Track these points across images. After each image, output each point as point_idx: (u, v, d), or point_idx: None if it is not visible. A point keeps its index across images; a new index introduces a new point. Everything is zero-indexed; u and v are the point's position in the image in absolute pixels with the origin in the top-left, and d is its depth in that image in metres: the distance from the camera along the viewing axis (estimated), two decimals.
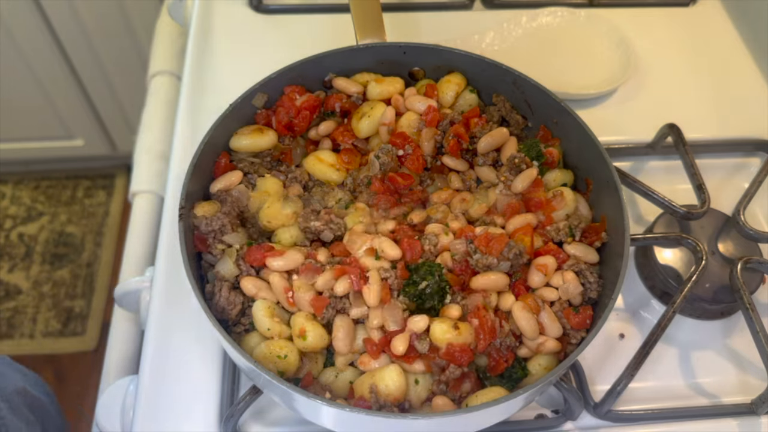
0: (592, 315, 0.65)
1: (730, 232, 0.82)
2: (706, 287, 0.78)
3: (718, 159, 0.94)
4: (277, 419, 0.70)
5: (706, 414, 0.73)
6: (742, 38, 1.09)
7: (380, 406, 0.59)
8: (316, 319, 0.63)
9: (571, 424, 0.72)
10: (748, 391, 0.75)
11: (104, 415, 0.72)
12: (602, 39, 1.05)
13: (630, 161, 0.94)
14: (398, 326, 0.61)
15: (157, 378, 0.71)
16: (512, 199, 0.71)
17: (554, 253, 0.67)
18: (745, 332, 0.74)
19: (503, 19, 1.05)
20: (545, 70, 0.90)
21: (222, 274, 0.66)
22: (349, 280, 0.61)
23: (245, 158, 0.73)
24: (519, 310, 0.63)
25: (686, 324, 0.80)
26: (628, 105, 0.99)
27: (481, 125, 0.76)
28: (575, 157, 0.75)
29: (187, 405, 0.70)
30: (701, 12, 1.14)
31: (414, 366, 0.61)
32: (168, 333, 0.74)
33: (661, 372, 0.76)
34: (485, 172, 0.74)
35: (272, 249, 0.65)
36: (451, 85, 0.78)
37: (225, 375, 0.72)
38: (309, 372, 0.63)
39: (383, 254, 0.64)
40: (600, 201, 0.72)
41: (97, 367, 0.82)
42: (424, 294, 0.63)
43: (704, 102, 1.00)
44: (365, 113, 0.76)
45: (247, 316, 0.65)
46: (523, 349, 0.65)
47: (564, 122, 0.75)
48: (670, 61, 1.05)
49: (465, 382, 0.62)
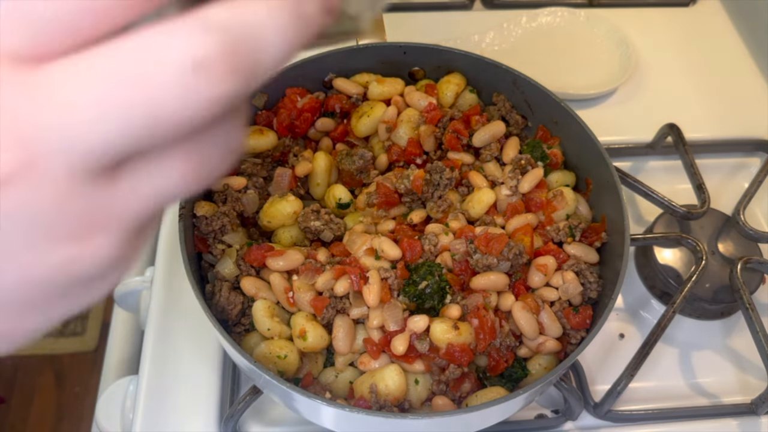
0: (592, 315, 0.65)
1: (730, 232, 0.82)
2: (706, 287, 0.78)
3: (718, 159, 0.94)
4: (277, 419, 0.70)
5: (706, 414, 0.73)
6: (742, 38, 1.09)
7: (380, 406, 0.59)
8: (316, 320, 0.63)
9: (571, 424, 0.72)
10: (748, 391, 0.75)
11: (104, 415, 0.72)
12: (602, 39, 1.05)
13: (630, 161, 0.94)
14: (398, 326, 0.61)
15: (157, 378, 0.71)
16: (516, 200, 0.71)
17: (554, 253, 0.67)
18: (745, 332, 0.74)
19: (503, 19, 1.05)
20: (545, 70, 0.90)
21: (222, 274, 0.66)
22: (349, 280, 0.62)
23: (246, 158, 0.73)
24: (519, 310, 0.63)
25: (686, 324, 0.80)
26: (628, 105, 0.99)
27: (482, 123, 0.76)
28: (575, 157, 0.75)
29: (187, 405, 0.70)
30: (701, 12, 1.14)
31: (414, 366, 0.61)
32: (168, 333, 0.74)
33: (661, 372, 0.76)
34: (490, 168, 0.74)
35: (272, 249, 0.65)
36: (451, 85, 0.78)
37: (225, 375, 0.72)
38: (309, 372, 0.63)
39: (383, 254, 0.64)
40: (600, 201, 0.72)
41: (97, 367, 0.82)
42: (424, 294, 0.63)
43: (704, 102, 1.00)
44: (365, 113, 0.76)
45: (247, 316, 0.65)
46: (523, 349, 0.65)
47: (564, 122, 0.75)
48: (670, 61, 1.05)
49: (465, 382, 0.62)
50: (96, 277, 0.25)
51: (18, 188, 0.22)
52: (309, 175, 0.73)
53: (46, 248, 0.23)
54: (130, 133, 0.22)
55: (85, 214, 0.23)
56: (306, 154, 0.74)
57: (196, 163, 0.24)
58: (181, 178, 0.24)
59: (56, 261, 0.23)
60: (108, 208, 0.23)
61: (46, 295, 0.25)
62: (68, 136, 0.21)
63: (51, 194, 0.22)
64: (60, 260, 0.23)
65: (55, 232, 0.23)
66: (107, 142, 0.22)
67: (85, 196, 0.23)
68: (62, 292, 0.25)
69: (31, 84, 0.21)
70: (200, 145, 0.24)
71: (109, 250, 0.24)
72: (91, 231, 0.23)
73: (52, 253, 0.23)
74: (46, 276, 0.24)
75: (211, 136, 0.24)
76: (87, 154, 0.22)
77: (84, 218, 0.23)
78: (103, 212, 0.23)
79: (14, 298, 0.24)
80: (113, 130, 0.21)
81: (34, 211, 0.22)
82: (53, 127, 0.21)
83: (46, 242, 0.23)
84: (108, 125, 0.21)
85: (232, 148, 0.25)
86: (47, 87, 0.21)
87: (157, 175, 0.24)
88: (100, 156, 0.22)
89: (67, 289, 0.25)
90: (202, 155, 0.24)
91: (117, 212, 0.24)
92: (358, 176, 0.74)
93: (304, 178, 0.73)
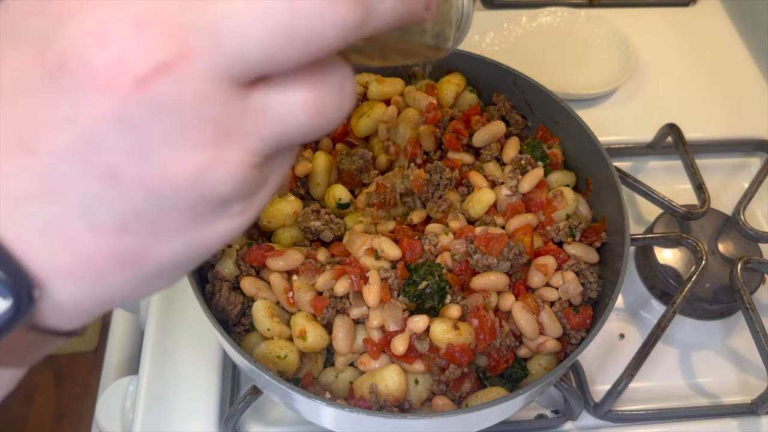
0: (592, 315, 0.65)
1: (730, 232, 0.82)
2: (706, 287, 0.78)
3: (718, 159, 0.94)
4: (277, 419, 0.70)
5: (706, 414, 0.73)
6: (742, 38, 1.09)
7: (380, 406, 0.59)
8: (316, 320, 0.63)
9: (571, 424, 0.72)
10: (748, 391, 0.75)
11: (104, 416, 0.72)
12: (602, 39, 1.05)
13: (630, 161, 0.94)
14: (398, 326, 0.61)
15: (157, 378, 0.71)
16: (516, 200, 0.71)
17: (554, 253, 0.67)
18: (745, 332, 0.74)
19: (503, 19, 1.05)
20: (545, 70, 0.90)
21: (222, 274, 0.66)
22: (349, 280, 0.61)
23: None
24: (519, 310, 0.63)
25: (686, 324, 0.80)
26: (628, 105, 0.99)
27: (482, 123, 0.76)
28: (575, 157, 0.75)
29: (187, 405, 0.70)
30: (701, 12, 1.14)
31: (414, 366, 0.61)
32: (168, 333, 0.74)
33: (661, 372, 0.76)
34: (490, 168, 0.74)
35: (272, 249, 0.65)
36: (451, 85, 0.78)
37: (225, 375, 0.72)
38: (309, 372, 0.63)
39: (383, 254, 0.64)
40: (600, 201, 0.72)
41: (97, 367, 0.81)
42: (424, 294, 0.63)
43: (704, 102, 1.00)
44: (364, 112, 0.76)
45: (247, 316, 0.65)
46: (523, 349, 0.65)
47: (564, 122, 0.75)
48: (670, 61, 1.05)
49: (465, 382, 0.62)
50: (225, 201, 0.25)
51: (169, 81, 0.22)
52: (309, 175, 0.73)
53: (184, 148, 0.23)
54: (274, 44, 0.22)
55: (222, 121, 0.23)
56: (306, 153, 0.74)
57: (316, 96, 0.25)
58: (304, 109, 0.25)
59: (191, 165, 0.23)
60: (241, 121, 0.24)
61: (178, 212, 0.25)
62: (222, 40, 0.22)
63: (196, 92, 0.22)
64: (195, 165, 0.23)
65: (193, 133, 0.23)
66: (255, 48, 0.22)
67: (224, 102, 0.23)
68: (192, 213, 0.25)
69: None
70: (319, 80, 0.25)
71: (239, 168, 0.24)
72: (226, 140, 0.24)
73: (188, 154, 0.23)
74: (181, 185, 0.24)
75: (328, 74, 0.26)
76: (234, 58, 0.22)
77: (220, 125, 0.23)
78: (237, 124, 0.24)
79: (148, 208, 0.24)
80: (262, 39, 0.22)
81: (180, 108, 0.22)
82: (210, 27, 0.22)
83: (184, 141, 0.23)
84: (257, 34, 0.22)
85: (345, 95, 0.26)
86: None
87: (283, 100, 0.25)
88: (244, 64, 0.23)
89: (197, 209, 0.25)
90: (322, 90, 0.25)
91: (248, 128, 0.24)
92: (358, 176, 0.74)
93: (304, 178, 0.73)
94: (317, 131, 0.26)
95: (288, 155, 0.28)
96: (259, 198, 0.27)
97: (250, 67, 0.23)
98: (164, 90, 0.22)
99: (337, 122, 0.27)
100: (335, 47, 0.24)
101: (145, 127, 0.22)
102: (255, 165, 0.25)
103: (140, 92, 0.22)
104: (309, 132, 0.26)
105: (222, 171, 0.24)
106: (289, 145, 0.26)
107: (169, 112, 0.22)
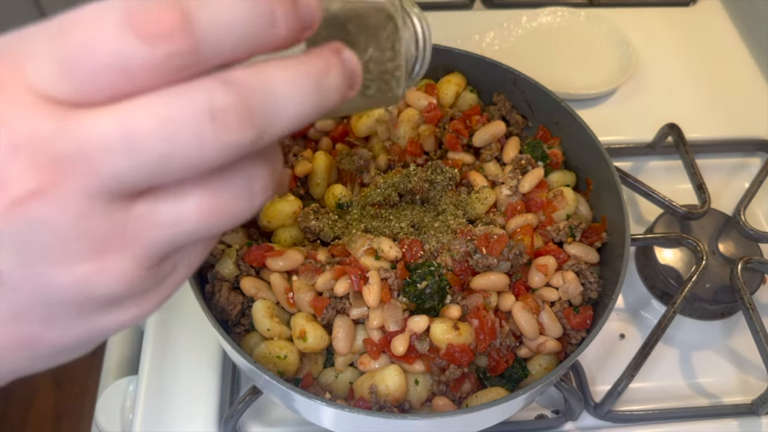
0: (593, 315, 0.65)
1: (730, 232, 0.82)
2: (706, 287, 0.78)
3: (719, 159, 0.94)
4: (277, 419, 0.70)
5: (706, 414, 0.73)
6: (742, 38, 1.09)
7: (380, 407, 0.59)
8: (316, 320, 0.63)
9: (572, 424, 0.72)
10: (749, 391, 0.75)
11: (104, 416, 0.72)
12: (602, 39, 1.05)
13: (630, 161, 0.94)
14: (398, 326, 0.61)
15: (156, 378, 0.71)
16: (517, 200, 0.71)
17: (554, 253, 0.67)
18: (746, 332, 0.74)
19: (503, 19, 1.05)
20: (545, 70, 0.90)
21: (222, 274, 0.66)
22: (349, 281, 0.61)
23: None
24: (519, 310, 0.63)
25: (686, 324, 0.80)
26: (628, 105, 0.99)
27: (482, 123, 0.76)
28: (575, 157, 0.75)
29: (186, 405, 0.70)
30: (701, 12, 1.14)
31: (414, 366, 0.61)
32: (168, 333, 0.74)
33: (662, 372, 0.76)
34: (491, 168, 0.74)
35: (272, 249, 0.65)
36: (451, 85, 0.78)
37: (225, 375, 0.72)
38: (309, 372, 0.63)
39: (383, 254, 0.64)
40: (600, 201, 0.72)
41: (96, 368, 0.81)
42: (424, 294, 0.62)
43: (704, 102, 1.00)
44: (365, 113, 0.76)
45: (247, 316, 0.65)
46: (523, 349, 0.65)
47: (564, 122, 0.75)
48: (670, 61, 1.05)
49: (465, 382, 0.62)
50: (113, 300, 0.27)
51: (41, 203, 0.24)
52: (309, 174, 0.73)
53: (63, 259, 0.25)
54: (148, 165, 0.24)
55: (99, 234, 0.25)
56: (306, 153, 0.74)
57: (212, 200, 0.26)
58: (197, 212, 0.26)
59: (71, 274, 0.25)
60: (123, 231, 0.25)
61: (65, 309, 0.26)
62: (91, 165, 0.23)
63: (70, 211, 0.24)
64: (76, 277, 0.25)
65: (73, 249, 0.25)
66: (128, 170, 0.24)
67: (101, 217, 0.25)
68: (80, 310, 0.27)
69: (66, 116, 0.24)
70: (218, 185, 0.26)
71: (124, 273, 0.26)
72: (107, 251, 0.25)
73: (67, 265, 0.25)
74: (63, 289, 0.25)
75: (230, 177, 0.26)
76: (107, 178, 0.24)
77: (98, 238, 0.25)
78: (117, 234, 0.25)
79: (35, 303, 0.26)
80: (134, 161, 0.23)
81: (55, 226, 0.24)
82: (79, 155, 0.23)
83: (63, 254, 0.25)
84: (130, 155, 0.23)
85: (254, 192, 0.27)
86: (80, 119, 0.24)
87: (173, 206, 0.26)
88: (120, 183, 0.24)
89: (84, 307, 0.27)
90: (220, 194, 0.26)
91: (132, 237, 0.25)
92: (358, 176, 0.74)
93: (304, 178, 0.73)
94: (216, 230, 0.27)
95: (197, 248, 0.30)
96: (160, 290, 0.29)
97: (127, 184, 0.24)
98: (37, 211, 0.24)
99: (242, 218, 0.27)
100: (226, 162, 0.25)
101: (24, 240, 0.24)
102: (145, 267, 0.26)
103: (16, 211, 0.24)
104: (207, 232, 0.27)
105: (105, 278, 0.26)
106: (188, 243, 0.27)
107: (45, 229, 0.24)
